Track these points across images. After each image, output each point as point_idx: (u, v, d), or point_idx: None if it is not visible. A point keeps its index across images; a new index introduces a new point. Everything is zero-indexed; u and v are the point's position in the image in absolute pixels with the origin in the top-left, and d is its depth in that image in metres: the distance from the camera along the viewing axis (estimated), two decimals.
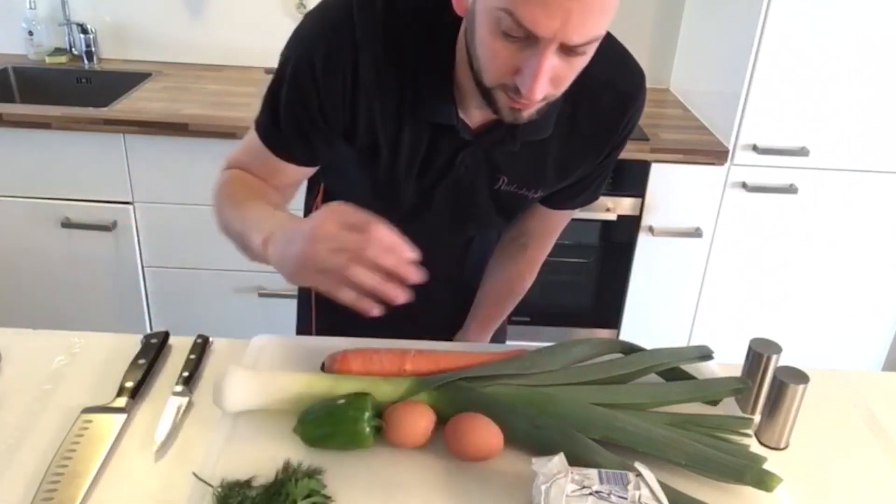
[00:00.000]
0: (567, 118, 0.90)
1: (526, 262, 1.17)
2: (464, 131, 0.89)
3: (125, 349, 0.96)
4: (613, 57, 0.91)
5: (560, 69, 0.74)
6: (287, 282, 0.81)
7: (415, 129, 0.91)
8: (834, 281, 2.15)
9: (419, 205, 1.00)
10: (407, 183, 0.97)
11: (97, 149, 1.92)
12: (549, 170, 0.96)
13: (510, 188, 0.97)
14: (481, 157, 0.93)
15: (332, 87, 0.86)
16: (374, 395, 0.82)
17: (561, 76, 0.75)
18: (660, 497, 0.69)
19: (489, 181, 0.96)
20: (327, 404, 0.81)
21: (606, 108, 0.92)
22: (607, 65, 0.89)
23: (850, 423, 0.95)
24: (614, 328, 2.23)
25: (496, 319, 1.25)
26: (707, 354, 0.92)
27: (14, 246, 2.05)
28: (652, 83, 2.42)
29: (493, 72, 0.76)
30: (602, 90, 0.90)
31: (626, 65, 0.93)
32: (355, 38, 0.84)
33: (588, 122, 0.92)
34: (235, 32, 2.34)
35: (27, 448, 0.81)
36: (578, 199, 1.05)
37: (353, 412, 0.79)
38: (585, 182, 1.01)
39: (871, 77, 1.88)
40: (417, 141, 0.92)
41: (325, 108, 0.88)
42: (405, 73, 0.86)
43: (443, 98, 0.86)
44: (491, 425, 0.80)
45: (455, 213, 1.02)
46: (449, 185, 0.96)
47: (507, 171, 0.95)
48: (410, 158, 0.93)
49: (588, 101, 0.90)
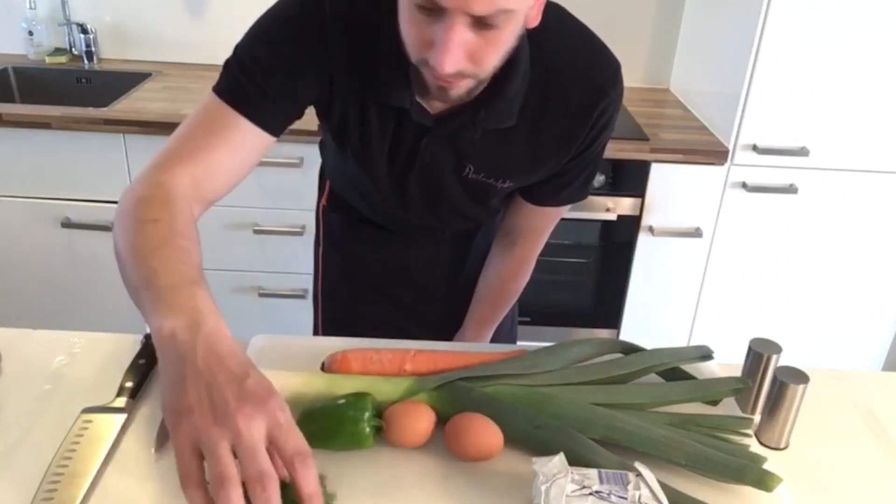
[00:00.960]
0: (535, 109, 0.90)
1: (517, 261, 1.17)
2: (421, 116, 0.89)
3: (125, 349, 0.96)
4: (585, 50, 0.90)
5: (475, 44, 0.74)
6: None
7: (380, 112, 0.91)
8: (834, 281, 2.15)
9: (395, 194, 1.00)
10: (380, 171, 0.97)
11: (97, 149, 1.92)
12: (517, 160, 0.95)
13: (477, 176, 0.97)
14: (446, 144, 0.93)
15: (307, 57, 0.86)
16: (374, 395, 0.82)
17: (477, 51, 0.75)
18: (660, 497, 0.69)
19: (455, 168, 0.96)
20: (327, 404, 0.81)
21: (576, 100, 0.91)
22: (577, 58, 0.89)
23: (850, 423, 0.95)
24: (614, 328, 2.23)
25: (493, 319, 1.25)
26: (707, 354, 0.92)
27: (14, 246, 2.05)
28: (652, 83, 2.47)
29: (412, 46, 0.77)
30: (572, 83, 0.89)
31: (598, 56, 0.91)
32: (324, 15, 0.84)
33: (557, 114, 0.91)
34: (235, 32, 2.32)
35: (27, 448, 0.81)
36: (562, 195, 1.04)
37: (353, 412, 0.79)
38: (568, 177, 1.01)
39: (871, 77, 1.88)
40: (384, 124, 0.92)
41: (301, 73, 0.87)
42: (368, 53, 0.86)
43: (399, 81, 0.86)
44: (491, 425, 0.80)
45: (428, 202, 1.02)
46: (418, 173, 0.97)
47: (472, 160, 0.95)
48: (379, 142, 0.94)
49: (557, 92, 0.89)
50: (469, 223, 1.16)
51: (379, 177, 0.99)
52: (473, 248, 1.21)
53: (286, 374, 0.86)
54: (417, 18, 0.74)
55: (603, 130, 0.95)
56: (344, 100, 0.91)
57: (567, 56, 0.88)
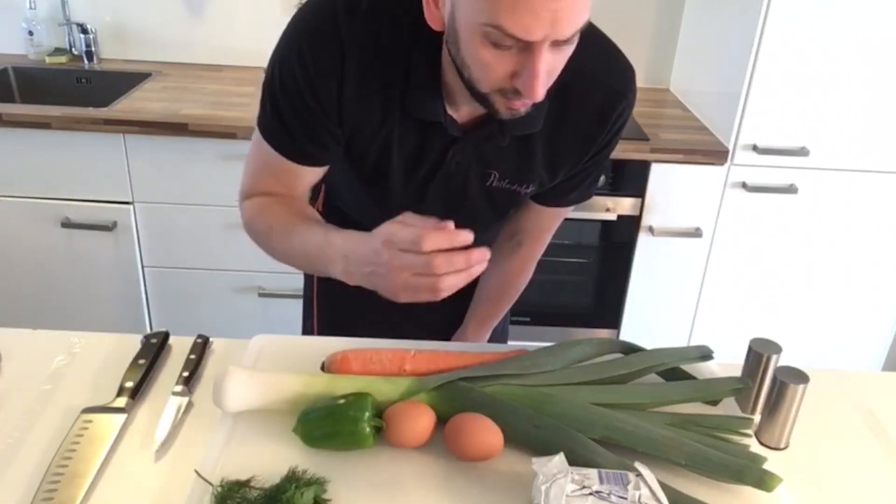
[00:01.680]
0: (556, 113, 0.90)
1: (521, 260, 1.18)
2: (452, 127, 0.89)
3: (125, 349, 0.96)
4: (601, 53, 0.91)
5: (552, 62, 0.75)
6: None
7: (404, 127, 0.91)
8: (834, 281, 2.15)
9: (412, 203, 1.00)
10: (397, 181, 0.97)
11: (97, 149, 1.92)
12: (539, 164, 0.96)
13: (502, 184, 0.97)
14: (471, 152, 0.94)
15: (322, 85, 0.86)
16: (374, 395, 0.82)
17: (554, 68, 0.76)
18: (660, 497, 0.69)
19: (480, 177, 0.96)
20: (327, 404, 0.81)
21: (596, 103, 0.92)
22: (596, 61, 0.89)
23: (850, 423, 0.95)
24: (614, 328, 2.23)
25: (494, 318, 1.25)
26: (707, 354, 0.92)
27: (14, 246, 2.05)
28: (652, 83, 2.47)
29: (489, 80, 0.76)
30: (591, 86, 0.90)
31: (615, 60, 0.93)
32: (341, 39, 0.84)
33: (577, 118, 0.92)
34: (235, 32, 2.34)
35: (27, 448, 0.81)
36: (571, 196, 1.05)
37: (354, 412, 0.79)
38: (578, 178, 1.01)
39: (871, 77, 1.88)
40: (407, 139, 0.92)
41: (321, 102, 0.88)
42: (391, 72, 0.86)
43: (431, 96, 0.86)
44: (491, 425, 0.80)
45: (448, 211, 1.02)
46: (441, 182, 0.97)
47: (497, 167, 0.95)
48: (401, 156, 0.94)
49: (577, 96, 0.90)
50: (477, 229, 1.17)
51: (394, 188, 0.99)
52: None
53: (286, 374, 0.86)
54: (495, 55, 0.73)
55: (618, 133, 0.97)
56: (356, 122, 0.91)
57: (586, 60, 0.88)
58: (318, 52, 0.85)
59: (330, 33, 0.84)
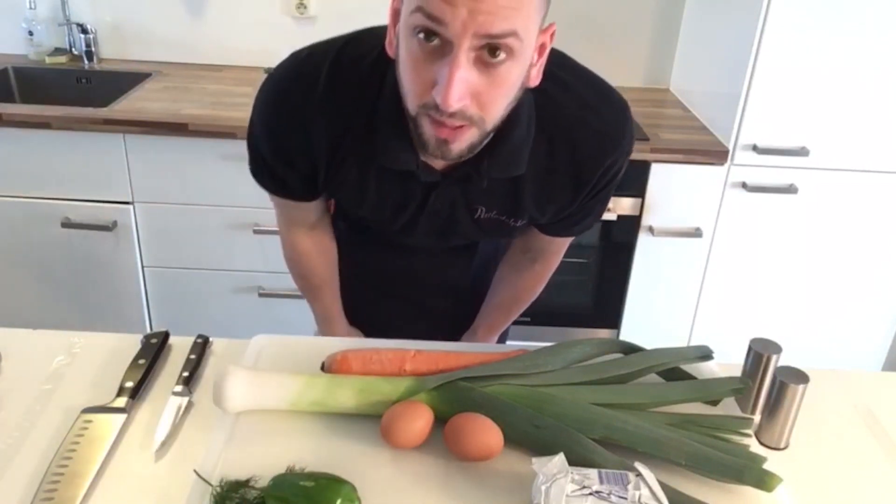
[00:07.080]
0: (543, 154, 0.89)
1: (535, 276, 1.19)
2: (426, 174, 0.89)
3: (125, 349, 0.96)
4: (591, 95, 0.90)
5: (479, 85, 0.73)
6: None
7: (382, 179, 0.92)
8: (834, 281, 2.15)
9: (406, 235, 1.02)
10: (386, 222, 1.00)
11: (97, 149, 1.92)
12: (527, 202, 0.95)
13: (490, 215, 0.97)
14: (456, 191, 0.93)
15: (294, 157, 0.92)
16: (374, 396, 0.82)
17: (482, 93, 0.73)
18: (660, 497, 0.69)
19: (469, 212, 0.96)
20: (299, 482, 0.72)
21: (584, 147, 0.90)
22: (582, 104, 0.88)
23: (850, 423, 0.95)
24: (614, 328, 2.23)
25: (505, 324, 1.28)
26: (707, 354, 0.92)
27: (14, 246, 2.05)
28: (652, 83, 2.47)
29: (413, 93, 0.76)
30: (580, 129, 0.89)
31: (606, 103, 0.91)
32: (303, 116, 0.88)
33: (564, 160, 0.91)
34: (235, 32, 2.34)
35: (27, 448, 0.81)
36: (575, 229, 1.05)
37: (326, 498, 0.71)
38: (580, 215, 1.01)
39: (871, 77, 1.88)
40: (388, 189, 0.94)
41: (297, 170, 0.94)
42: (359, 129, 0.87)
43: (401, 146, 0.85)
44: (491, 425, 0.80)
45: (441, 237, 1.02)
46: (428, 219, 0.97)
47: (483, 203, 0.95)
48: (385, 204, 0.96)
49: (563, 138, 0.89)
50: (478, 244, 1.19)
51: (385, 225, 1.01)
52: (479, 257, 1.22)
53: (286, 374, 0.86)
54: (419, 60, 0.73)
55: (615, 178, 0.95)
56: (332, 179, 0.94)
57: (573, 102, 0.87)
58: (284, 132, 0.90)
59: (290, 113, 0.88)
